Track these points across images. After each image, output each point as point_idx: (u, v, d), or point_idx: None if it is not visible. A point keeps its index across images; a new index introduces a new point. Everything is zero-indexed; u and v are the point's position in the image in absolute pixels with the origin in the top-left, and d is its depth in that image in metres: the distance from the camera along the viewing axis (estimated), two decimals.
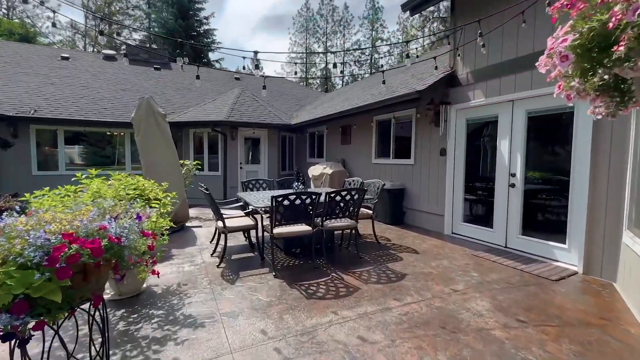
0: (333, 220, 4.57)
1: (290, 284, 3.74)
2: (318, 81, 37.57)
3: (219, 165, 10.75)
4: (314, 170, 9.10)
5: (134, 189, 3.70)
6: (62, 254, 1.56)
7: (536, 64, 1.39)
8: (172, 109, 11.76)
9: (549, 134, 4.71)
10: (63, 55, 13.43)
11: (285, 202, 3.95)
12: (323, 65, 38.68)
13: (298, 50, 37.61)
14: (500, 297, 3.36)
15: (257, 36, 58.53)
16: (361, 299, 3.32)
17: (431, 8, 24.43)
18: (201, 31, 27.97)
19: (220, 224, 4.45)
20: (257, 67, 3.78)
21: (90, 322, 2.08)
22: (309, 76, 36.59)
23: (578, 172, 4.14)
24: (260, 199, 4.82)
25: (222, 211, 5.11)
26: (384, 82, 4.71)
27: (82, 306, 1.99)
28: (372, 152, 8.23)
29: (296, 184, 5.38)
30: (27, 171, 9.47)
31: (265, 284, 3.72)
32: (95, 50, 28.12)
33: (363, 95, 8.96)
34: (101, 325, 2.15)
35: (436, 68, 4.37)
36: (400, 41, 34.15)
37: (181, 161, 7.91)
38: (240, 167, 10.90)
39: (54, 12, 3.26)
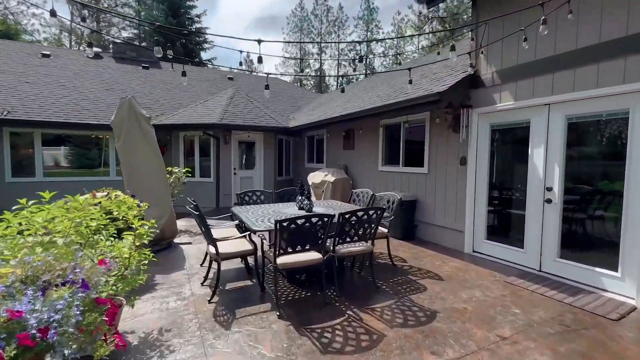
0: (346, 244, 3.89)
1: (298, 328, 3.04)
2: (312, 82, 36.88)
3: (211, 171, 9.98)
4: (315, 178, 8.40)
5: (106, 213, 2.98)
6: None
7: None
8: (160, 110, 10.97)
9: (595, 142, 4.08)
10: (44, 52, 12.52)
11: (292, 227, 3.26)
12: (318, 66, 38.04)
13: (292, 51, 36.91)
14: (561, 347, 2.72)
15: (250, 36, 57.58)
16: (390, 354, 2.64)
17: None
18: (192, 29, 27.06)
19: (212, 249, 3.73)
20: (260, 60, 3.09)
21: None
22: (305, 73, 35.89)
23: (634, 186, 3.53)
24: (260, 217, 4.10)
25: (215, 231, 4.39)
26: (410, 82, 4.09)
27: None
28: (379, 158, 7.57)
29: (300, 198, 4.67)
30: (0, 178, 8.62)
31: (268, 329, 3.02)
32: (81, 47, 27.04)
33: (366, 97, 8.31)
34: None
35: (471, 65, 3.72)
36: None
37: (169, 168, 7.16)
38: (234, 173, 10.16)
39: None
